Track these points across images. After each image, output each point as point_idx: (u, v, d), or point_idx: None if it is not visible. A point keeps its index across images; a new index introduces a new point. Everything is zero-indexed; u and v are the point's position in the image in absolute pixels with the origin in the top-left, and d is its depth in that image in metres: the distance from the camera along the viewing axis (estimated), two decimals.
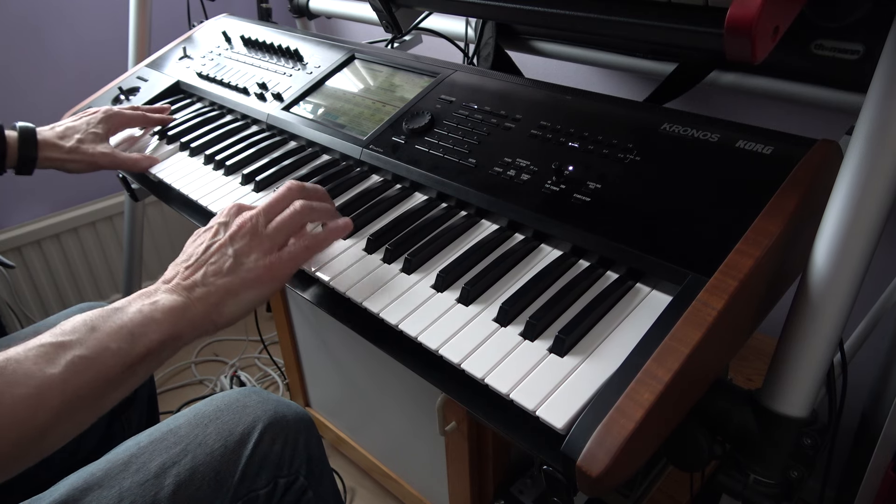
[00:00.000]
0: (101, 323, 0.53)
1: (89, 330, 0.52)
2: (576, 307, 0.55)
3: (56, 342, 0.51)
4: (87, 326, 0.53)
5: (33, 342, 0.51)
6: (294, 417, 0.73)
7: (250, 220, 0.62)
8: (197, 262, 0.61)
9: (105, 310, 0.55)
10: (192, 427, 0.68)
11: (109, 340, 0.52)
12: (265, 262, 0.61)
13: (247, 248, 0.61)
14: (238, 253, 0.60)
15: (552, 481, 0.50)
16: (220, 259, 0.60)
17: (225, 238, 0.62)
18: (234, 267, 0.60)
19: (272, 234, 0.62)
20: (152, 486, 0.62)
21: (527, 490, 0.98)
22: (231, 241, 0.61)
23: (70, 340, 0.51)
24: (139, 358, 0.53)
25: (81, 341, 0.51)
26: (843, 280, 0.49)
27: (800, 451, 0.52)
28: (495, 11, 0.75)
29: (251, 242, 0.61)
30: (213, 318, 0.59)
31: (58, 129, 0.93)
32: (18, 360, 0.48)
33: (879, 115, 0.48)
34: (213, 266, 0.60)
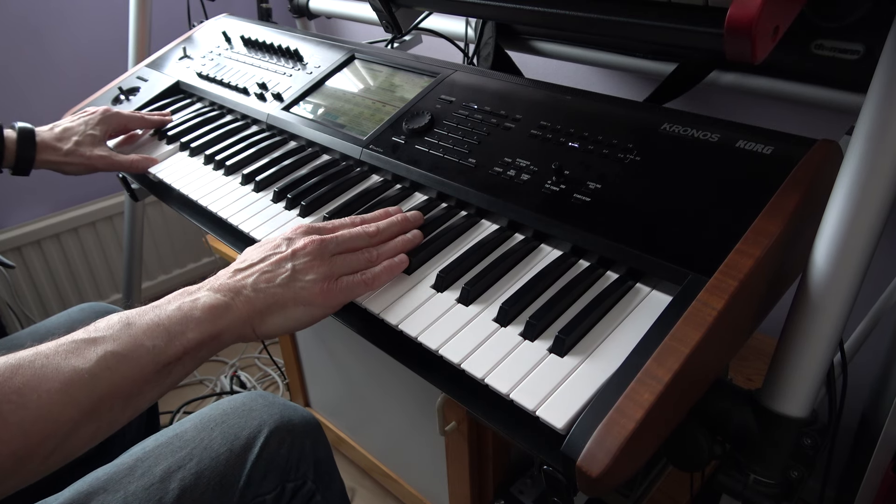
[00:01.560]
0: (137, 319, 0.52)
1: (124, 326, 0.51)
2: (576, 307, 0.55)
3: (88, 338, 0.50)
4: (122, 323, 0.51)
5: (65, 338, 0.50)
6: (300, 421, 0.72)
7: (319, 243, 0.61)
8: (250, 267, 0.59)
9: (143, 308, 0.54)
10: (198, 431, 0.68)
11: (144, 338, 0.51)
12: (321, 287, 0.59)
13: (307, 267, 0.59)
14: (296, 269, 0.59)
15: (552, 481, 0.49)
16: (277, 269, 0.59)
17: (287, 252, 0.60)
18: (288, 280, 0.58)
19: (337, 264, 0.61)
20: (157, 491, 0.62)
21: (527, 490, 0.98)
22: (293, 255, 0.60)
23: (103, 336, 0.50)
24: (175, 357, 0.52)
25: (115, 337, 0.50)
26: (843, 280, 0.49)
27: (800, 451, 0.52)
28: (495, 11, 0.75)
29: (313, 262, 0.59)
30: (255, 324, 0.57)
31: (56, 131, 0.93)
32: (48, 355, 0.47)
33: (879, 115, 0.48)
34: (268, 274, 0.58)
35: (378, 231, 0.65)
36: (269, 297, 0.57)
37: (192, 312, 0.54)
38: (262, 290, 0.57)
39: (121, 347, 0.50)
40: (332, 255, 0.61)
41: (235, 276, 0.59)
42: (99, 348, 0.49)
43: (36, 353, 0.48)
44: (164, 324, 0.52)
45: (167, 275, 1.89)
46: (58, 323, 0.89)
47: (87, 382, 0.47)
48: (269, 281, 0.58)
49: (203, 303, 0.55)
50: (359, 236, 0.64)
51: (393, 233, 0.66)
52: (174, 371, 0.53)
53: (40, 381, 0.46)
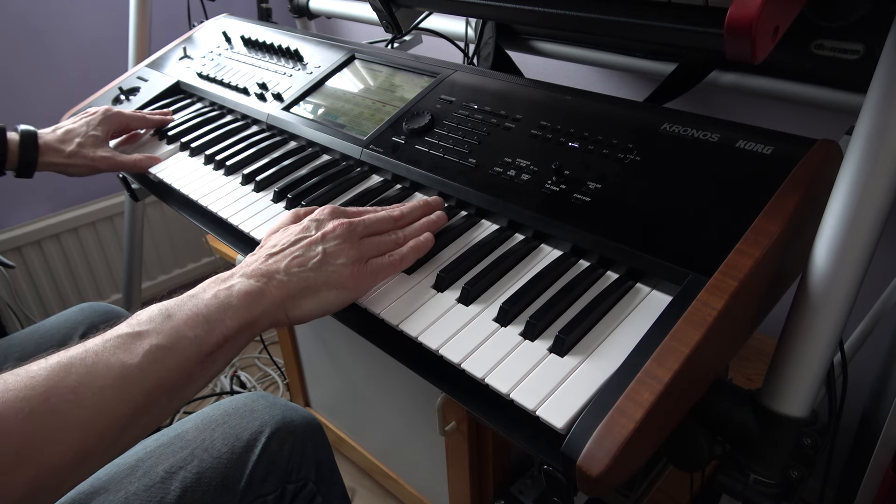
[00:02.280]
0: (177, 310, 0.52)
1: (164, 318, 0.51)
2: (576, 307, 0.55)
3: (133, 332, 0.50)
4: (162, 315, 0.52)
5: (110, 333, 0.50)
6: (302, 422, 0.72)
7: (346, 226, 0.61)
8: (282, 252, 0.59)
9: (180, 298, 0.54)
10: (199, 431, 0.68)
11: (186, 328, 0.51)
12: (352, 270, 0.59)
13: (337, 250, 0.59)
14: (327, 252, 0.59)
15: (552, 481, 0.49)
16: (308, 252, 0.59)
17: (317, 235, 0.60)
18: (320, 264, 0.58)
19: (366, 246, 0.61)
20: (158, 491, 0.62)
21: (527, 490, 0.98)
22: (323, 238, 0.60)
23: (147, 330, 0.50)
24: (217, 345, 0.52)
25: (158, 330, 0.50)
26: (843, 280, 0.49)
27: (800, 451, 0.52)
28: (495, 11, 0.75)
29: (342, 245, 0.60)
30: (288, 308, 0.57)
31: (58, 133, 0.93)
32: (97, 352, 0.48)
33: (879, 115, 0.48)
34: (300, 258, 0.58)
35: (402, 214, 0.66)
36: (301, 281, 0.57)
37: (229, 300, 0.54)
38: (295, 275, 0.57)
39: (165, 340, 0.50)
40: (361, 237, 0.61)
41: (267, 260, 0.59)
42: (145, 342, 0.49)
43: (85, 350, 0.48)
44: (203, 313, 0.52)
45: (167, 275, 1.89)
46: (57, 323, 0.89)
47: (138, 377, 0.48)
48: (302, 265, 0.58)
49: (238, 289, 0.55)
50: (385, 219, 0.64)
51: (416, 216, 0.67)
52: (217, 360, 0.53)
53: (93, 379, 0.46)
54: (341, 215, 0.63)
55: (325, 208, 0.64)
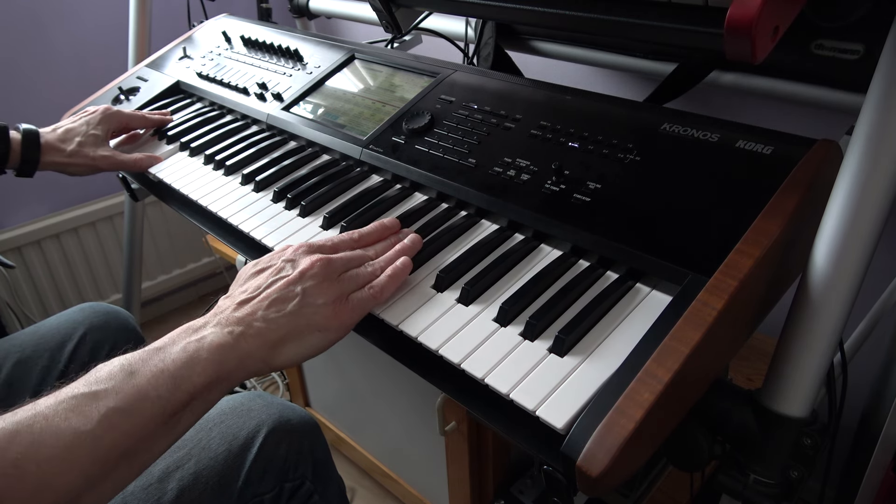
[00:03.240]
0: (140, 366, 0.48)
1: (126, 375, 0.47)
2: (576, 307, 0.55)
3: (89, 392, 0.46)
4: (124, 372, 0.47)
5: (65, 392, 0.46)
6: (299, 421, 0.72)
7: (323, 263, 0.57)
8: (258, 295, 0.55)
9: (146, 350, 0.50)
10: (196, 431, 0.68)
11: (149, 387, 0.47)
12: (333, 309, 0.55)
13: (316, 290, 0.55)
14: (307, 292, 0.55)
15: (552, 481, 0.49)
16: (285, 294, 0.54)
17: (295, 274, 0.56)
18: (300, 306, 0.54)
19: (345, 283, 0.57)
20: (155, 491, 0.62)
21: (527, 490, 0.98)
22: (301, 278, 0.56)
23: (105, 389, 0.46)
24: (182, 404, 0.48)
25: (117, 390, 0.46)
26: (843, 280, 0.49)
27: (800, 451, 0.52)
28: (495, 11, 0.75)
29: (322, 284, 0.56)
30: (268, 358, 0.53)
31: (58, 132, 0.93)
32: (46, 416, 0.44)
33: (879, 115, 0.48)
34: (277, 303, 0.54)
35: (376, 253, 0.63)
36: (281, 327, 0.53)
37: (199, 353, 0.50)
38: (273, 321, 0.53)
39: (124, 402, 0.46)
40: (339, 274, 0.58)
41: (242, 307, 0.54)
42: (101, 404, 0.45)
43: (35, 414, 0.44)
44: (170, 369, 0.48)
45: (167, 275, 1.89)
46: (57, 323, 0.89)
47: (90, 444, 0.44)
48: (280, 309, 0.54)
49: (210, 342, 0.51)
50: (357, 256, 0.61)
51: (390, 244, 0.64)
52: (182, 419, 0.49)
53: (39, 449, 0.42)
54: (317, 251, 0.60)
55: (300, 246, 0.60)
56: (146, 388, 0.47)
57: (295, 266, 0.57)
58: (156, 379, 0.47)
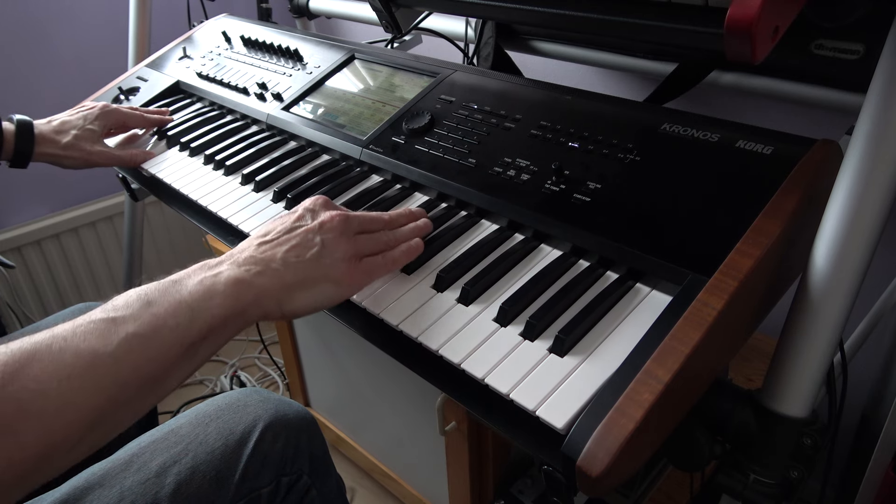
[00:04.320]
0: (159, 297, 0.48)
1: (144, 305, 0.47)
2: (576, 307, 0.55)
3: (108, 318, 0.46)
4: (141, 301, 0.48)
5: (83, 318, 0.46)
6: (295, 416, 0.73)
7: (342, 219, 0.59)
8: (278, 239, 0.56)
9: (163, 282, 0.50)
10: (193, 427, 0.68)
11: (167, 316, 0.47)
12: (347, 266, 0.57)
13: (335, 242, 0.57)
14: (325, 243, 0.56)
15: (552, 481, 0.49)
16: (305, 243, 0.56)
17: (314, 224, 0.57)
18: (318, 255, 0.55)
19: (361, 243, 0.59)
20: (153, 485, 0.62)
21: (527, 490, 0.98)
22: (321, 228, 0.57)
23: (123, 316, 0.46)
24: (200, 336, 0.49)
25: (136, 317, 0.46)
26: (843, 280, 0.49)
27: (800, 451, 0.52)
28: (495, 11, 0.75)
29: (340, 239, 0.57)
30: (282, 300, 0.54)
31: (54, 124, 0.93)
32: (65, 338, 0.44)
33: (879, 115, 0.48)
34: (297, 248, 0.55)
35: (391, 218, 0.64)
36: (299, 271, 0.54)
37: (215, 287, 0.50)
38: (292, 265, 0.54)
39: (143, 328, 0.46)
40: (356, 233, 0.59)
41: (260, 247, 0.55)
42: (120, 329, 0.45)
43: (53, 336, 0.44)
44: (187, 300, 0.49)
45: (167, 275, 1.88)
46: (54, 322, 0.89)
47: (111, 366, 0.44)
48: (300, 255, 0.55)
49: (227, 276, 0.51)
50: (376, 219, 0.63)
51: (403, 221, 0.66)
52: (200, 350, 0.50)
53: (59, 367, 0.42)
54: (335, 207, 0.61)
55: (318, 198, 0.62)
56: (164, 316, 0.47)
57: (315, 217, 0.59)
58: (174, 309, 0.48)
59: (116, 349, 0.44)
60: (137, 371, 0.45)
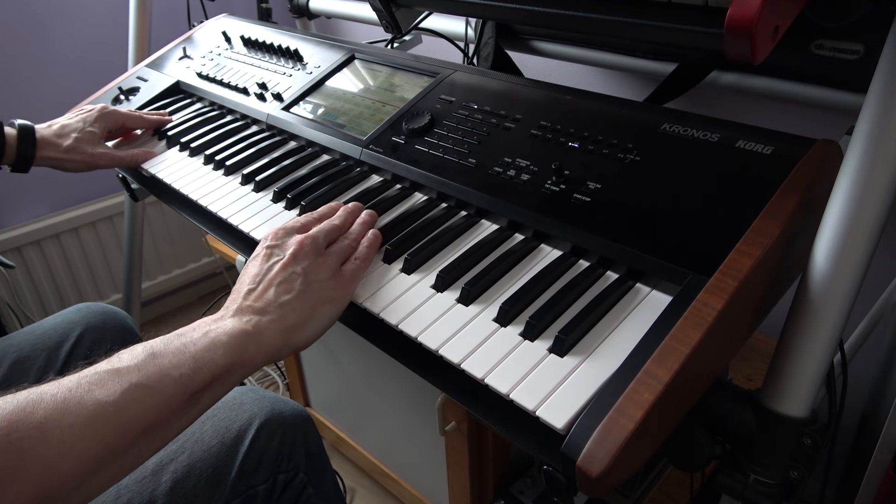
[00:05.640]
0: (163, 348, 0.50)
1: (149, 357, 0.49)
2: (576, 307, 0.55)
3: (112, 369, 0.47)
4: (146, 353, 0.49)
5: (88, 370, 0.47)
6: (291, 414, 0.73)
7: (310, 241, 0.60)
8: (264, 285, 0.57)
9: (167, 336, 0.52)
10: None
11: (171, 367, 0.48)
12: (335, 281, 0.59)
13: (314, 266, 0.58)
14: (307, 271, 0.58)
15: (552, 481, 0.49)
16: (289, 278, 0.57)
17: (287, 257, 0.58)
18: (305, 285, 0.57)
19: (333, 255, 0.61)
20: (149, 483, 0.63)
21: (527, 490, 0.98)
22: (294, 259, 0.58)
23: (127, 367, 0.48)
24: (203, 385, 0.50)
25: (140, 368, 0.48)
26: (843, 280, 0.49)
27: (800, 451, 0.52)
28: (495, 11, 0.75)
29: (317, 261, 0.59)
30: (292, 339, 0.55)
31: (54, 128, 0.93)
32: (70, 388, 0.45)
33: (879, 115, 0.48)
34: (284, 285, 0.56)
35: (343, 221, 0.66)
36: (296, 309, 0.55)
37: (219, 338, 0.52)
38: (288, 305, 0.55)
39: (147, 379, 0.47)
40: (325, 248, 0.61)
41: (249, 297, 0.56)
42: (124, 379, 0.47)
43: (58, 385, 0.45)
44: (191, 351, 0.50)
45: (167, 275, 1.89)
46: (55, 323, 0.89)
47: (112, 416, 0.45)
48: (289, 291, 0.56)
49: (231, 328, 0.53)
50: (332, 227, 0.64)
51: (350, 221, 0.67)
52: (202, 399, 0.51)
53: (62, 416, 0.43)
54: (293, 233, 0.62)
55: (277, 230, 0.62)
56: (168, 367, 0.48)
57: (283, 249, 0.60)
58: (178, 359, 0.49)
59: (119, 399, 0.45)
60: (139, 420, 0.46)
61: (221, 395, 0.53)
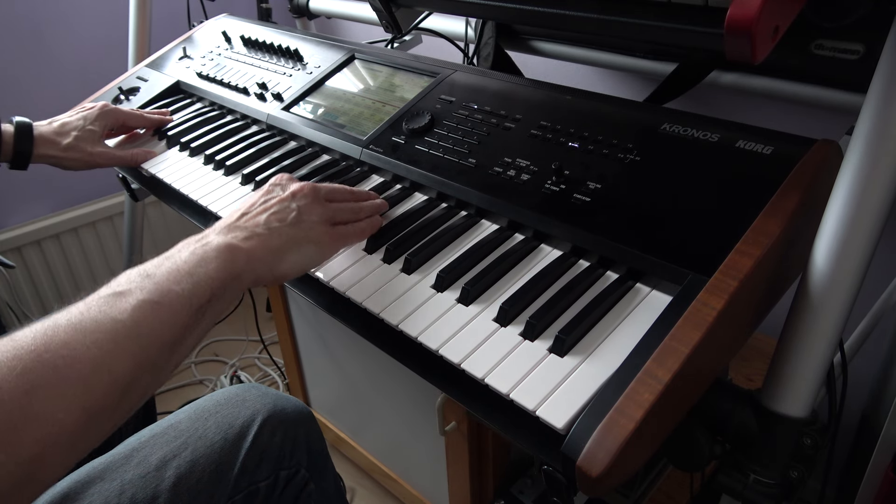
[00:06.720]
0: (155, 270, 0.51)
1: (145, 277, 0.50)
2: (576, 307, 0.55)
3: (114, 292, 0.48)
4: (141, 276, 0.50)
5: (92, 297, 0.48)
6: (293, 411, 0.73)
7: (312, 187, 0.63)
8: (257, 210, 0.59)
9: (156, 259, 0.53)
10: (193, 421, 0.69)
11: (171, 283, 0.50)
12: (325, 228, 0.61)
13: (309, 207, 0.61)
14: (301, 209, 0.60)
15: (552, 481, 0.49)
16: (283, 210, 0.60)
17: (287, 194, 0.61)
18: (297, 220, 0.59)
19: (331, 208, 0.63)
20: (153, 479, 0.63)
21: (527, 490, 0.98)
22: (293, 196, 0.61)
23: (129, 289, 0.48)
24: (205, 299, 0.51)
25: (142, 287, 0.49)
26: (843, 280, 0.49)
27: (800, 451, 0.52)
28: (495, 11, 0.75)
29: (313, 204, 0.62)
30: (272, 263, 0.57)
31: (54, 125, 0.93)
32: (82, 312, 0.46)
33: (879, 115, 0.48)
34: (277, 214, 0.59)
35: (354, 191, 0.69)
36: (283, 234, 0.58)
37: (208, 254, 0.53)
38: (276, 229, 0.58)
39: (152, 295, 0.48)
40: (325, 199, 0.64)
41: (242, 219, 0.59)
42: (131, 298, 0.47)
43: (69, 312, 0.46)
44: (184, 269, 0.51)
45: None
46: None
47: (131, 330, 0.46)
48: (281, 220, 0.59)
49: (217, 243, 0.54)
50: (341, 189, 0.67)
51: (364, 196, 0.70)
52: (207, 313, 0.52)
53: (84, 335, 0.44)
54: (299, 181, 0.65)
55: (282, 175, 0.66)
56: (167, 283, 0.50)
57: (285, 189, 0.63)
58: (174, 276, 0.51)
59: (132, 315, 0.47)
60: (155, 332, 0.47)
61: (222, 311, 0.54)
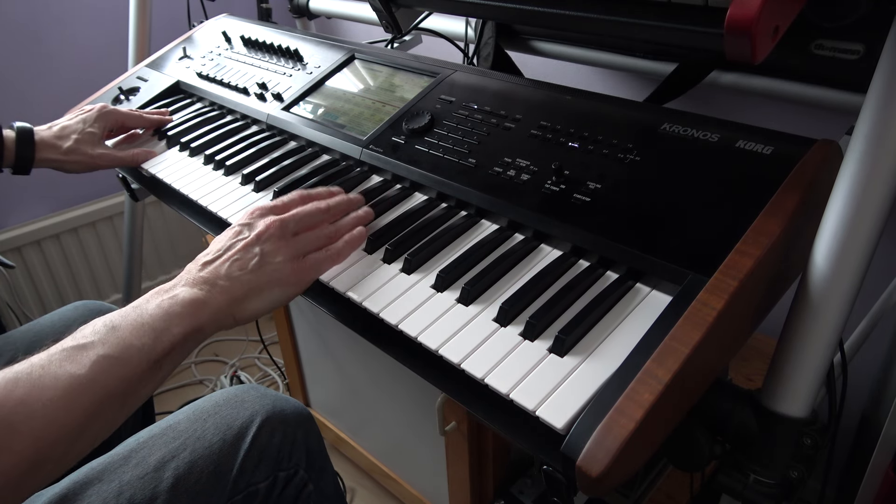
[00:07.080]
0: (121, 321, 0.53)
1: (110, 330, 0.52)
2: (576, 307, 0.55)
3: (78, 345, 0.51)
4: (106, 327, 0.53)
5: (55, 347, 0.51)
6: (292, 412, 0.73)
7: (277, 225, 0.63)
8: (220, 258, 0.61)
9: (124, 310, 0.55)
10: (191, 422, 0.69)
11: (132, 338, 0.52)
12: (291, 267, 0.61)
13: (274, 249, 0.61)
14: (264, 252, 0.61)
15: (552, 481, 0.49)
16: (246, 255, 0.60)
17: (251, 237, 0.62)
18: (259, 265, 0.60)
19: (301, 243, 0.63)
20: (152, 480, 0.63)
21: (527, 490, 0.98)
22: (258, 239, 0.61)
23: (92, 342, 0.51)
24: (164, 353, 0.53)
25: (104, 341, 0.51)
26: (843, 280, 0.49)
27: (800, 451, 0.52)
28: (495, 11, 0.75)
29: (278, 244, 0.62)
30: (234, 312, 0.59)
31: (55, 129, 0.93)
32: (43, 366, 0.49)
33: (879, 115, 0.48)
34: (238, 262, 0.60)
35: (329, 207, 0.67)
36: (244, 284, 0.59)
37: (173, 308, 0.55)
38: (237, 278, 0.59)
39: (112, 350, 0.51)
40: (294, 234, 0.63)
41: (206, 268, 0.60)
42: (91, 353, 0.50)
43: (31, 364, 0.49)
44: (149, 323, 0.54)
45: (167, 275, 1.89)
46: (52, 321, 0.89)
47: (87, 387, 0.49)
48: (242, 268, 0.60)
49: (182, 298, 0.56)
50: (314, 212, 0.66)
51: (343, 209, 0.69)
52: (164, 366, 0.54)
53: (42, 391, 0.47)
54: (270, 213, 0.65)
55: (255, 210, 0.65)
56: (130, 339, 0.52)
57: (252, 229, 0.63)
58: (137, 331, 0.53)
59: (90, 371, 0.49)
60: (110, 388, 0.50)
61: (181, 360, 0.56)
